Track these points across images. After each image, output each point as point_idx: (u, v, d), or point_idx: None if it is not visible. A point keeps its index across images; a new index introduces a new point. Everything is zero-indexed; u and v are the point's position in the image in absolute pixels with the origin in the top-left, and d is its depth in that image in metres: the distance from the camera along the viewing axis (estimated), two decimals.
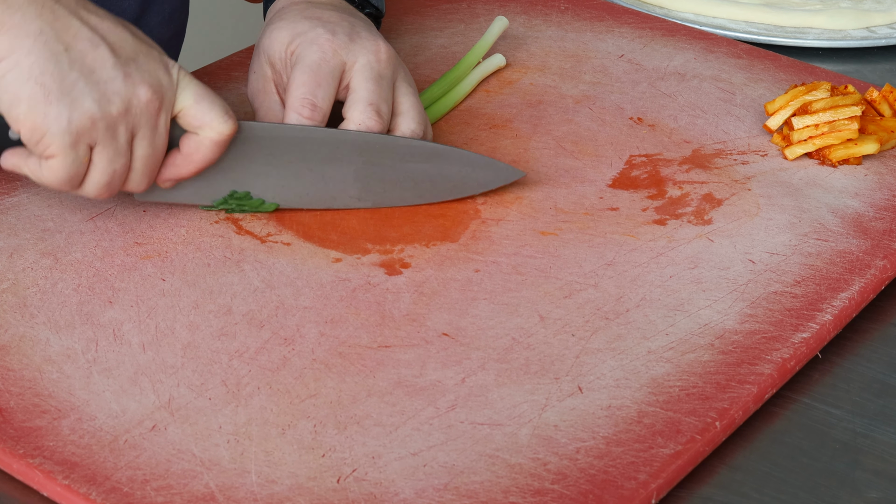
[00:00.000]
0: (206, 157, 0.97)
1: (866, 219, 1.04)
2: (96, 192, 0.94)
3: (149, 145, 0.94)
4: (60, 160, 0.91)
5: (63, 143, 0.90)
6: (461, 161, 1.03)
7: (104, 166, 0.93)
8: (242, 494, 0.77)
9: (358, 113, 1.02)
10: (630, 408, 0.84)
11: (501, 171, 1.04)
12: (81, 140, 0.91)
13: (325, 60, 1.03)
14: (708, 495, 0.82)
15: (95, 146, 0.92)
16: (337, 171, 1.01)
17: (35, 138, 0.90)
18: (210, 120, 0.95)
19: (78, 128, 0.90)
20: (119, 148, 0.92)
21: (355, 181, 1.02)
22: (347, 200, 1.02)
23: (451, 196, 1.04)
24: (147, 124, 0.93)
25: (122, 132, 0.92)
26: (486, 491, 0.78)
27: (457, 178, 1.03)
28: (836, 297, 0.95)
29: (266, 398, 0.84)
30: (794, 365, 0.90)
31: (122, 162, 0.93)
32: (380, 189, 1.02)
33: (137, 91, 0.92)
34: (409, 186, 1.03)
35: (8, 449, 0.80)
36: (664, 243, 1.00)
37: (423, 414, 0.83)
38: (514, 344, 0.90)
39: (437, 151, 1.03)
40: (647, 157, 1.11)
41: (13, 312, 0.91)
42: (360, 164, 1.01)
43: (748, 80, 1.22)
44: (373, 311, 0.92)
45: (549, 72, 1.23)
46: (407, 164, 1.02)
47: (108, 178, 0.93)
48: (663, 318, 0.92)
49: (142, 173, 0.95)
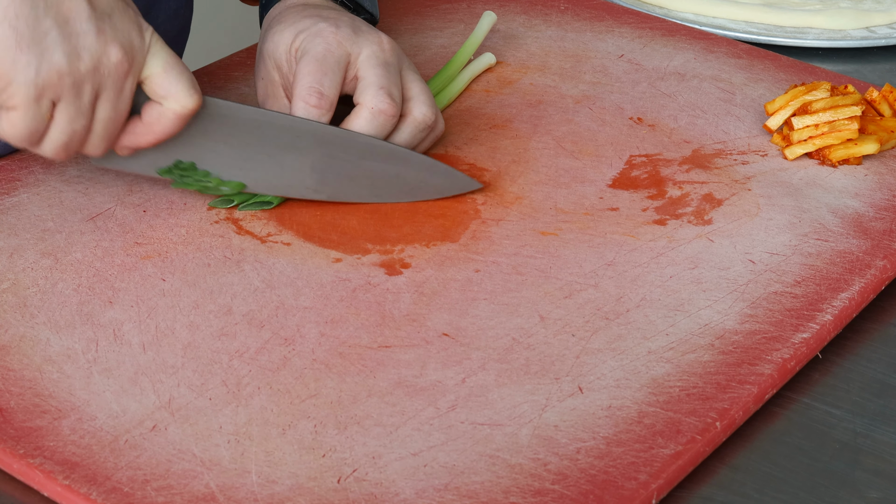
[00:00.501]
0: (166, 128, 0.95)
1: (866, 219, 1.04)
2: (53, 152, 0.92)
3: (112, 108, 0.92)
4: (22, 113, 0.89)
5: (27, 94, 0.88)
6: (419, 166, 1.03)
7: (65, 125, 0.91)
8: (243, 494, 0.77)
9: (370, 96, 1.02)
10: (630, 408, 0.84)
11: (458, 181, 1.04)
12: (46, 94, 0.88)
13: (331, 51, 1.03)
14: (708, 495, 0.82)
15: (59, 102, 0.89)
16: (294, 160, 1.01)
17: (0, 85, 0.88)
18: (176, 91, 0.93)
19: (45, 80, 0.88)
20: (82, 107, 0.90)
21: (312, 172, 1.02)
22: (303, 191, 1.02)
23: (407, 198, 1.04)
24: (113, 86, 0.91)
25: (87, 91, 0.90)
26: (487, 491, 0.78)
27: (413, 182, 1.03)
28: (836, 297, 0.95)
29: (266, 398, 0.84)
30: (795, 365, 0.90)
31: (83, 122, 0.91)
32: (336, 183, 1.02)
33: (108, 50, 0.90)
34: (365, 184, 1.03)
35: (8, 449, 0.80)
36: (664, 243, 1.00)
37: (424, 414, 0.83)
38: (515, 344, 0.90)
39: (397, 154, 1.03)
40: (647, 157, 1.11)
41: (13, 312, 0.91)
42: (318, 155, 1.01)
43: (748, 80, 1.22)
44: (373, 312, 0.92)
45: (549, 72, 1.23)
46: (365, 162, 1.02)
47: (68, 138, 0.91)
48: (663, 318, 0.92)
49: (101, 137, 0.93)
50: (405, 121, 1.05)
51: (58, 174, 1.04)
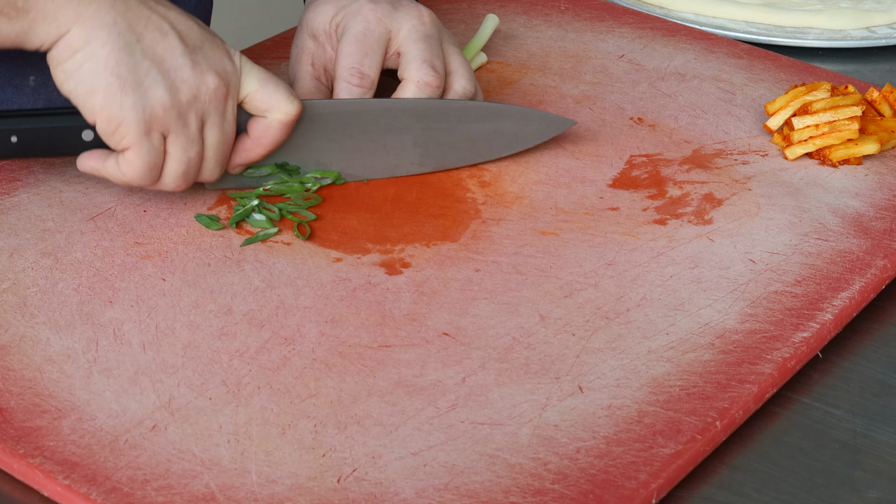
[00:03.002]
0: (274, 138, 1.00)
1: (867, 219, 1.04)
2: (174, 183, 0.97)
3: (219, 132, 0.97)
4: (136, 150, 0.94)
5: (138, 131, 0.93)
6: (514, 116, 1.07)
7: (179, 155, 0.95)
8: (243, 494, 0.77)
9: (414, 70, 1.05)
10: (630, 407, 0.84)
11: (553, 123, 1.08)
12: (154, 128, 0.94)
13: (370, 30, 1.06)
14: (708, 495, 0.82)
15: (168, 135, 0.95)
16: (397, 140, 1.05)
17: (111, 128, 0.93)
18: (276, 102, 0.99)
19: (151, 116, 0.93)
20: (191, 135, 0.95)
21: (415, 147, 1.05)
22: (409, 167, 1.06)
23: (507, 151, 1.08)
24: (216, 111, 0.96)
25: (192, 119, 0.95)
26: (487, 491, 0.78)
27: (511, 134, 1.07)
28: (836, 296, 0.95)
29: (266, 398, 0.84)
30: (795, 364, 0.90)
31: (196, 150, 0.96)
32: (439, 152, 1.06)
33: (205, 78, 0.95)
34: (466, 146, 1.07)
35: (8, 449, 0.80)
36: (664, 243, 1.00)
37: (424, 414, 0.83)
38: (515, 343, 0.90)
39: (491, 109, 1.07)
40: (647, 157, 1.11)
41: (13, 312, 0.91)
42: (418, 130, 1.05)
43: (748, 81, 1.22)
44: (373, 311, 0.92)
45: (549, 72, 1.23)
46: (463, 125, 1.06)
47: (185, 167, 0.96)
48: (664, 317, 0.92)
49: (214, 161, 0.98)
50: (448, 95, 1.08)
51: (58, 174, 1.04)
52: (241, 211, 1.00)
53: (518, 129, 1.08)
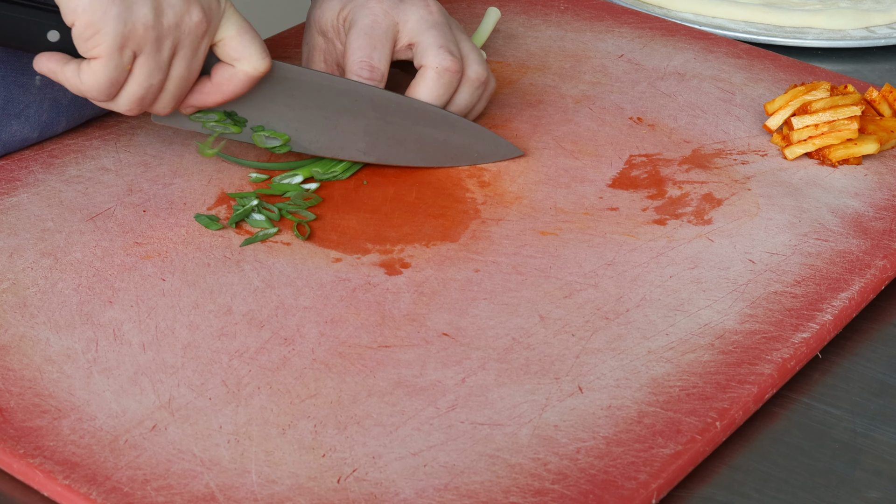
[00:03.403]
0: (236, 89, 0.99)
1: (866, 219, 1.04)
2: (127, 106, 0.96)
3: (186, 66, 0.96)
4: (104, 62, 0.93)
5: (113, 43, 0.92)
6: (467, 132, 1.07)
7: (143, 79, 0.95)
8: (243, 494, 0.77)
9: (433, 57, 1.06)
10: (630, 408, 0.84)
11: (502, 148, 1.08)
12: (129, 45, 0.93)
13: (378, 22, 1.07)
14: (708, 495, 0.82)
15: (139, 56, 0.94)
16: (349, 123, 1.05)
17: (87, 34, 0.92)
18: (249, 54, 0.98)
19: (130, 31, 0.92)
20: (160, 62, 0.94)
21: (365, 135, 1.05)
22: (353, 153, 1.06)
23: (451, 164, 1.08)
24: (190, 45, 0.95)
25: (167, 46, 0.94)
26: (487, 491, 0.78)
27: (459, 148, 1.07)
28: (836, 297, 0.95)
29: (266, 398, 0.84)
30: (795, 365, 0.90)
31: (160, 78, 0.95)
32: (386, 147, 1.06)
33: (191, 9, 0.94)
34: (414, 148, 1.07)
35: (8, 449, 0.80)
36: (664, 243, 1.00)
37: (424, 414, 0.83)
38: (515, 344, 0.90)
39: (448, 119, 1.07)
40: (646, 157, 1.11)
41: (13, 312, 0.90)
42: (372, 119, 1.05)
43: (748, 80, 1.22)
44: (373, 311, 0.92)
45: (548, 72, 1.23)
46: (417, 127, 1.06)
47: (144, 92, 0.95)
48: (663, 318, 0.92)
49: (173, 94, 0.97)
50: (462, 82, 1.08)
51: (57, 174, 1.04)
52: (240, 211, 1.00)
53: (467, 145, 1.08)
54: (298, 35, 1.26)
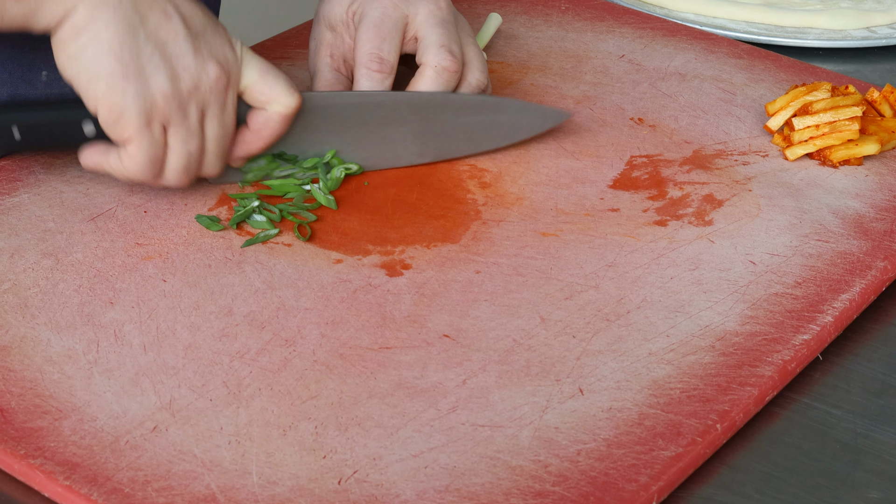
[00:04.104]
0: (274, 131, 1.00)
1: (867, 220, 1.04)
2: (177, 178, 0.97)
3: (219, 124, 0.96)
4: (137, 143, 0.94)
5: (139, 122, 0.93)
6: (511, 109, 1.09)
7: (180, 147, 0.95)
8: (243, 496, 0.77)
9: (432, 55, 1.07)
10: (631, 410, 0.85)
11: (549, 115, 1.10)
12: (155, 118, 0.93)
13: (387, 15, 1.07)
14: (708, 496, 0.82)
15: (169, 127, 0.94)
16: (395, 131, 1.06)
17: (112, 119, 0.93)
18: (277, 94, 0.98)
19: (152, 105, 0.93)
20: (191, 127, 0.95)
21: (414, 139, 1.06)
22: (409, 157, 1.07)
23: (504, 142, 1.09)
24: (216, 101, 0.95)
25: (192, 110, 0.94)
26: (488, 493, 0.78)
27: (507, 126, 1.09)
28: (836, 298, 0.95)
29: (267, 399, 0.84)
30: (795, 367, 0.90)
31: (197, 143, 0.96)
32: (437, 143, 1.07)
33: (207, 67, 0.94)
34: (464, 138, 1.08)
35: (9, 449, 0.80)
36: (665, 244, 1.00)
37: (425, 416, 0.83)
38: (515, 345, 0.90)
39: (488, 102, 1.08)
40: (647, 158, 1.11)
41: (14, 313, 0.91)
42: (416, 122, 1.06)
43: (749, 81, 1.22)
44: (374, 313, 0.92)
45: (549, 72, 1.23)
46: (461, 118, 1.07)
47: (186, 161, 0.96)
48: (664, 319, 0.92)
49: (215, 153, 0.98)
50: (462, 87, 1.09)
51: (58, 174, 1.04)
52: (241, 212, 1.00)
53: (515, 121, 1.09)
54: (300, 35, 1.26)
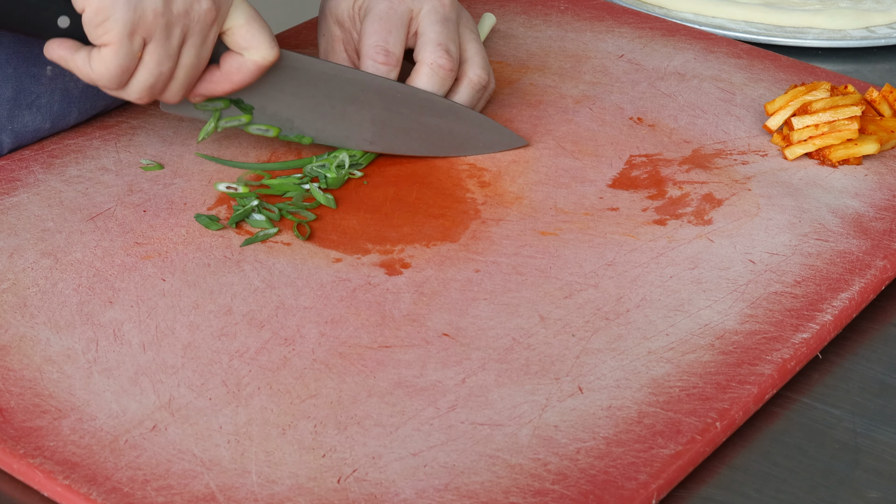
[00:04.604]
0: (244, 78, 1.00)
1: (866, 219, 1.04)
2: (138, 94, 0.97)
3: (195, 54, 0.97)
4: (114, 50, 0.93)
5: (122, 30, 0.92)
6: (472, 121, 1.09)
7: (153, 66, 0.95)
8: (243, 495, 0.77)
9: (428, 53, 1.07)
10: (630, 408, 0.84)
11: (506, 137, 1.10)
12: (138, 32, 0.93)
13: (393, 8, 1.08)
14: (708, 495, 0.82)
15: (149, 43, 0.94)
16: (356, 113, 1.06)
17: (97, 20, 0.92)
18: (258, 43, 0.99)
19: (140, 18, 0.92)
20: (170, 50, 0.95)
21: (371, 125, 1.07)
22: (359, 142, 1.07)
23: (455, 153, 1.09)
24: (200, 32, 0.96)
25: (176, 34, 0.95)
26: (487, 491, 0.78)
27: (464, 137, 1.09)
28: (836, 297, 0.95)
29: (266, 398, 0.84)
30: (795, 365, 0.90)
31: (170, 65, 0.96)
32: (392, 136, 1.07)
33: None
34: (419, 137, 1.08)
35: (8, 449, 0.80)
36: (664, 243, 1.00)
37: (424, 414, 0.83)
38: (515, 344, 0.90)
39: (453, 109, 1.08)
40: (647, 157, 1.11)
41: (13, 312, 0.91)
42: (379, 108, 1.06)
43: (748, 80, 1.22)
44: (373, 312, 0.92)
45: (548, 72, 1.23)
46: (422, 117, 1.07)
47: (154, 80, 0.96)
48: (663, 318, 0.92)
49: (182, 82, 0.98)
50: (462, 82, 1.10)
51: (58, 174, 1.04)
52: (240, 211, 1.00)
53: (472, 134, 1.09)
54: (298, 35, 1.26)
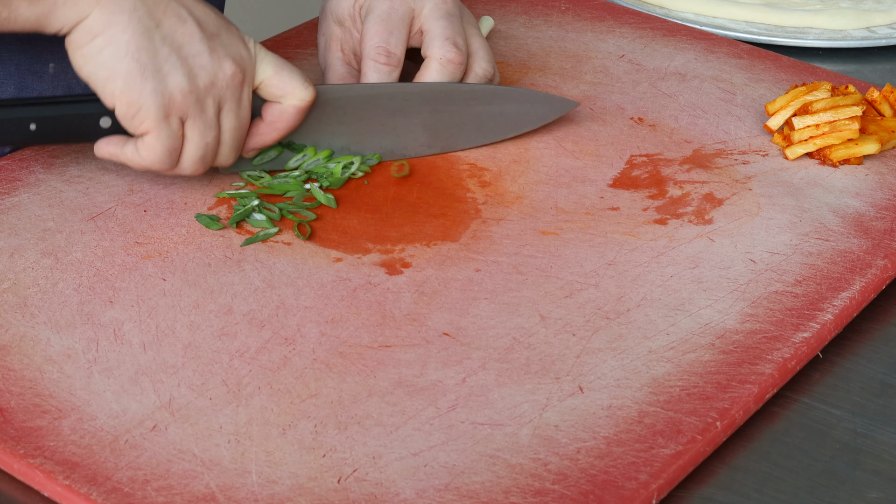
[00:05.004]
0: (289, 123, 1.02)
1: (867, 218, 1.04)
2: (192, 167, 0.99)
3: (235, 117, 0.99)
4: (155, 135, 0.96)
5: (157, 116, 0.95)
6: (519, 99, 1.10)
7: (197, 139, 0.97)
8: (243, 495, 0.77)
9: (437, 48, 1.08)
10: (631, 408, 0.84)
11: (556, 104, 1.11)
12: (173, 113, 0.95)
13: (394, 8, 1.09)
14: (708, 495, 0.82)
15: (187, 120, 0.96)
16: (406, 122, 1.07)
17: (130, 113, 0.95)
18: (291, 88, 1.01)
19: (170, 101, 0.95)
20: (208, 120, 0.97)
21: (424, 130, 1.08)
22: (418, 149, 1.09)
23: (513, 132, 1.10)
24: (232, 97, 0.98)
25: (210, 105, 0.97)
26: (487, 491, 0.78)
27: (516, 116, 1.10)
28: (836, 296, 0.95)
29: (267, 398, 0.84)
30: (795, 365, 0.90)
31: (213, 134, 0.98)
32: (447, 134, 1.09)
33: (223, 65, 0.97)
34: (473, 128, 1.09)
35: (9, 449, 0.80)
36: (665, 243, 1.00)
37: (424, 414, 0.83)
38: (515, 344, 0.90)
39: (497, 92, 1.09)
40: (647, 157, 1.11)
41: (14, 312, 0.91)
42: (427, 113, 1.08)
43: (749, 81, 1.22)
44: (373, 311, 0.92)
45: (549, 72, 1.23)
46: (470, 108, 1.08)
47: (202, 152, 0.98)
48: (664, 317, 0.92)
49: (230, 146, 1.00)
50: (468, 77, 1.10)
51: (58, 174, 1.04)
52: (241, 211, 1.00)
53: (523, 110, 1.10)
54: (299, 35, 1.26)
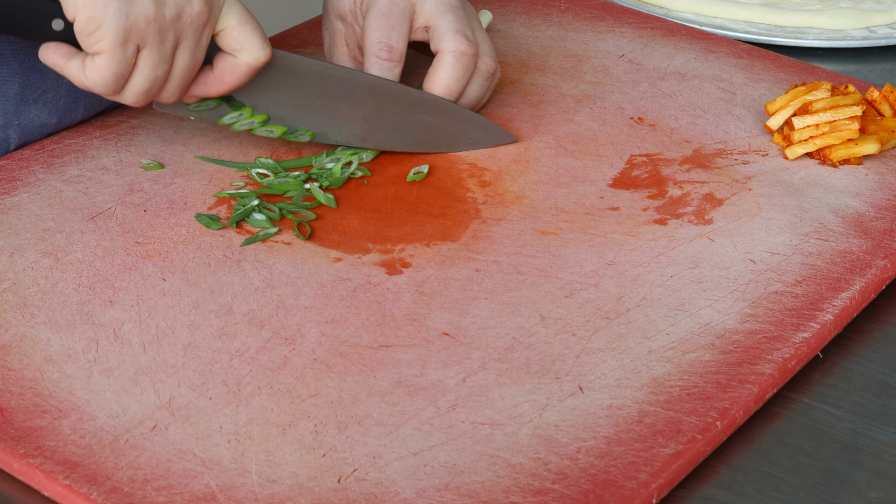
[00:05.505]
0: (237, 79, 1.00)
1: (867, 218, 1.04)
2: (134, 98, 0.97)
3: (190, 57, 0.97)
4: (108, 57, 0.94)
5: (115, 38, 0.93)
6: (462, 118, 1.09)
7: (148, 71, 0.96)
8: (243, 494, 0.77)
9: (449, 41, 1.08)
10: (631, 407, 0.84)
11: (495, 133, 1.10)
12: (132, 39, 0.93)
13: (395, 3, 1.09)
14: (708, 495, 0.82)
15: (143, 49, 0.94)
16: (349, 110, 1.07)
17: (89, 29, 0.92)
18: (250, 44, 0.99)
19: (132, 25, 0.93)
20: (164, 53, 0.95)
21: (363, 122, 1.07)
22: (351, 139, 1.08)
23: (446, 150, 1.10)
24: (193, 35, 0.96)
25: (170, 38, 0.95)
26: (487, 491, 0.78)
27: (455, 134, 1.09)
28: (836, 296, 0.95)
29: (267, 398, 0.84)
30: (795, 365, 0.90)
31: (165, 69, 0.96)
32: (383, 133, 1.08)
33: (192, 1, 0.95)
34: (410, 134, 1.09)
35: (9, 449, 0.80)
36: (665, 243, 1.00)
37: (424, 414, 0.83)
38: (515, 343, 0.90)
39: (444, 106, 1.09)
40: (647, 157, 1.11)
41: (14, 312, 0.91)
42: (371, 106, 1.07)
43: (749, 80, 1.22)
44: (373, 311, 0.92)
45: (549, 71, 1.23)
46: (414, 114, 1.08)
47: (150, 84, 0.96)
48: (664, 317, 0.92)
49: (178, 84, 0.98)
50: (473, 74, 1.10)
51: (58, 174, 1.04)
52: (241, 210, 1.00)
53: (463, 131, 1.10)
54: (299, 34, 1.26)
